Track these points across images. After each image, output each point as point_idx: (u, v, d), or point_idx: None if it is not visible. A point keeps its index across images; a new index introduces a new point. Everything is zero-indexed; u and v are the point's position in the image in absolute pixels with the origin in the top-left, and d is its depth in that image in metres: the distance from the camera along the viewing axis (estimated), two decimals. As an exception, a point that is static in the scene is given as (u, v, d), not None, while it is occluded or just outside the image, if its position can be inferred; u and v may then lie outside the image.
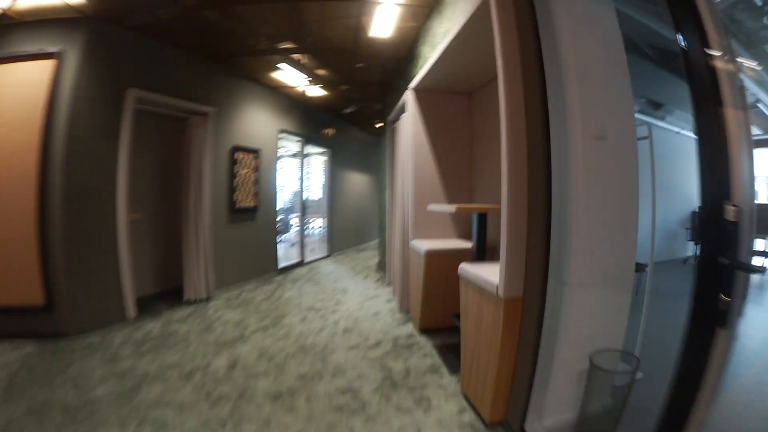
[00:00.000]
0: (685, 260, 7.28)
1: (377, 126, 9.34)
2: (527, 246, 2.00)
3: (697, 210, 2.61)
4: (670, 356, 1.55)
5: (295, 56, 5.31)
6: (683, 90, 2.99)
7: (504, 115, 1.99)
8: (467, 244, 3.50)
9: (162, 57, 4.46)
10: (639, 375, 2.05)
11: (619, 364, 1.87)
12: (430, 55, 3.45)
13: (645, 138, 2.46)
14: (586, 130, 1.76)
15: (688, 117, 2.70)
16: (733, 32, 4.53)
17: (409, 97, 3.92)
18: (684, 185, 6.80)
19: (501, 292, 1.99)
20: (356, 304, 4.70)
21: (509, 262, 1.98)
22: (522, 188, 1.98)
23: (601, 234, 1.80)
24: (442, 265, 3.33)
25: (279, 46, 4.93)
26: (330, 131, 8.55)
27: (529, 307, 1.98)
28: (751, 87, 5.13)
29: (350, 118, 8.92)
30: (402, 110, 4.40)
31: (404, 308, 4.22)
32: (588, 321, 1.86)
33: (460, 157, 4.04)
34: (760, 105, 5.76)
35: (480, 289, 2.21)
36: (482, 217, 2.77)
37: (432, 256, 3.31)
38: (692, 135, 2.83)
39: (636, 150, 1.89)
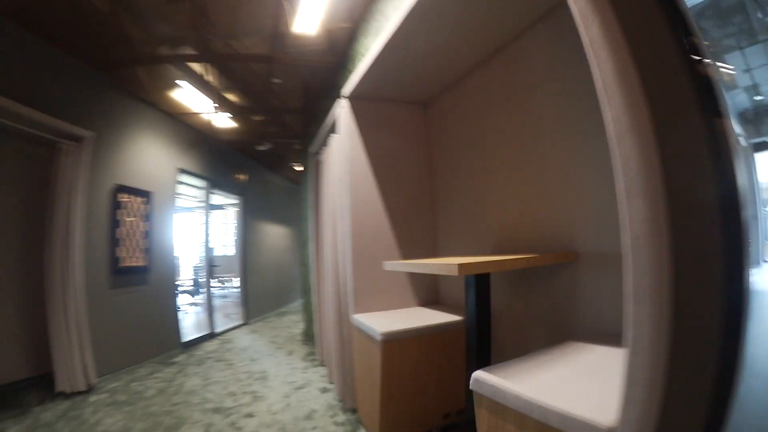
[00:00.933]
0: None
1: (297, 170, 8.17)
2: (674, 326, 0.85)
3: None
4: None
5: (199, 71, 4.12)
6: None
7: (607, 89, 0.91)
8: (441, 317, 2.32)
9: (31, 53, 3.25)
10: None
11: None
12: (373, 45, 2.39)
13: None
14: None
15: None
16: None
17: (342, 109, 2.78)
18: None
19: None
20: (280, 399, 3.31)
21: (649, 370, 0.83)
22: (660, 218, 0.84)
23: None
24: (409, 353, 2.09)
25: (179, 51, 3.76)
26: (243, 176, 7.27)
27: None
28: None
29: (265, 160, 7.68)
30: (330, 133, 3.26)
31: (348, 404, 2.88)
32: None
33: (415, 190, 2.92)
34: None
35: (543, 429, 1.04)
36: (482, 281, 1.64)
37: (392, 343, 2.05)
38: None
39: None
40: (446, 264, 1.36)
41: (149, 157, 4.76)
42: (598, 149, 1.65)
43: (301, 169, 6.10)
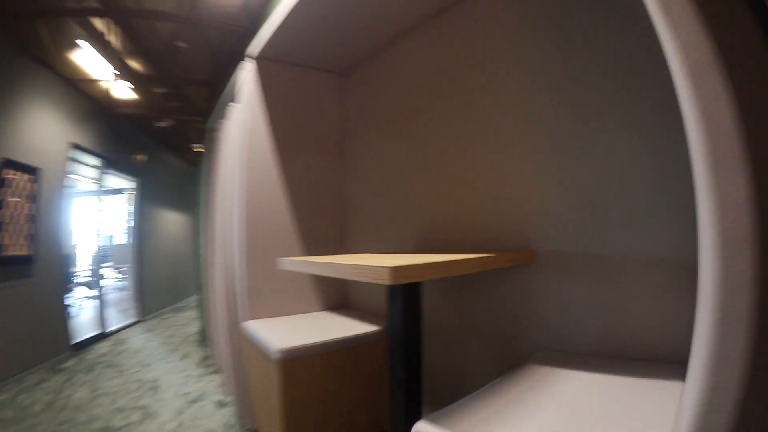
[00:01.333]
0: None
1: (197, 151, 7.43)
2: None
3: None
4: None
5: (101, 29, 3.48)
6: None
7: None
8: (352, 326, 1.88)
9: None
10: None
11: None
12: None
13: None
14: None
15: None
16: None
17: (246, 72, 2.26)
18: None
19: None
20: (172, 416, 2.82)
21: None
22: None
23: None
24: (315, 372, 1.61)
25: (84, 4, 3.18)
26: (141, 157, 6.43)
27: None
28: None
29: (165, 139, 6.85)
30: (231, 102, 2.70)
31: (248, 423, 2.32)
32: None
33: (325, 172, 2.44)
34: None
35: None
36: (413, 291, 1.20)
37: (293, 362, 1.56)
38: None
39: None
40: (370, 267, 0.91)
41: (39, 128, 3.95)
42: (561, 124, 1.33)
43: (202, 149, 5.49)
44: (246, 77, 2.24)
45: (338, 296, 2.40)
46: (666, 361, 1.07)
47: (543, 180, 1.39)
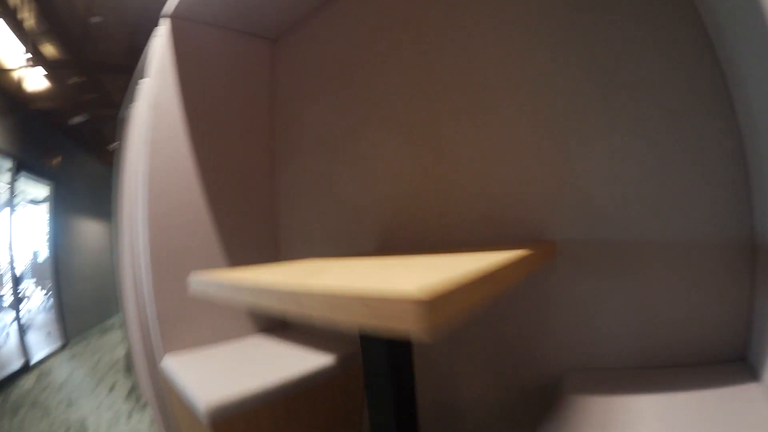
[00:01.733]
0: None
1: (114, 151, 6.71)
2: None
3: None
4: None
5: (13, 3, 3.06)
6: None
7: None
8: (300, 358, 1.39)
9: None
10: None
11: None
12: None
13: None
14: None
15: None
16: None
17: (158, 38, 1.73)
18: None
19: None
20: None
21: None
22: None
23: None
24: (262, 429, 1.14)
25: None
26: (56, 159, 5.64)
27: None
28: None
29: (81, 138, 6.08)
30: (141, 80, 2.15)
31: None
32: None
33: (252, 158, 1.93)
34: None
35: None
36: (398, 353, 0.70)
37: (230, 423, 1.05)
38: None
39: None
40: (376, 299, 0.42)
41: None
42: (572, 80, 1.00)
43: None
44: (157, 42, 1.72)
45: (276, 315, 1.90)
46: (719, 362, 0.85)
47: (550, 150, 1.05)
